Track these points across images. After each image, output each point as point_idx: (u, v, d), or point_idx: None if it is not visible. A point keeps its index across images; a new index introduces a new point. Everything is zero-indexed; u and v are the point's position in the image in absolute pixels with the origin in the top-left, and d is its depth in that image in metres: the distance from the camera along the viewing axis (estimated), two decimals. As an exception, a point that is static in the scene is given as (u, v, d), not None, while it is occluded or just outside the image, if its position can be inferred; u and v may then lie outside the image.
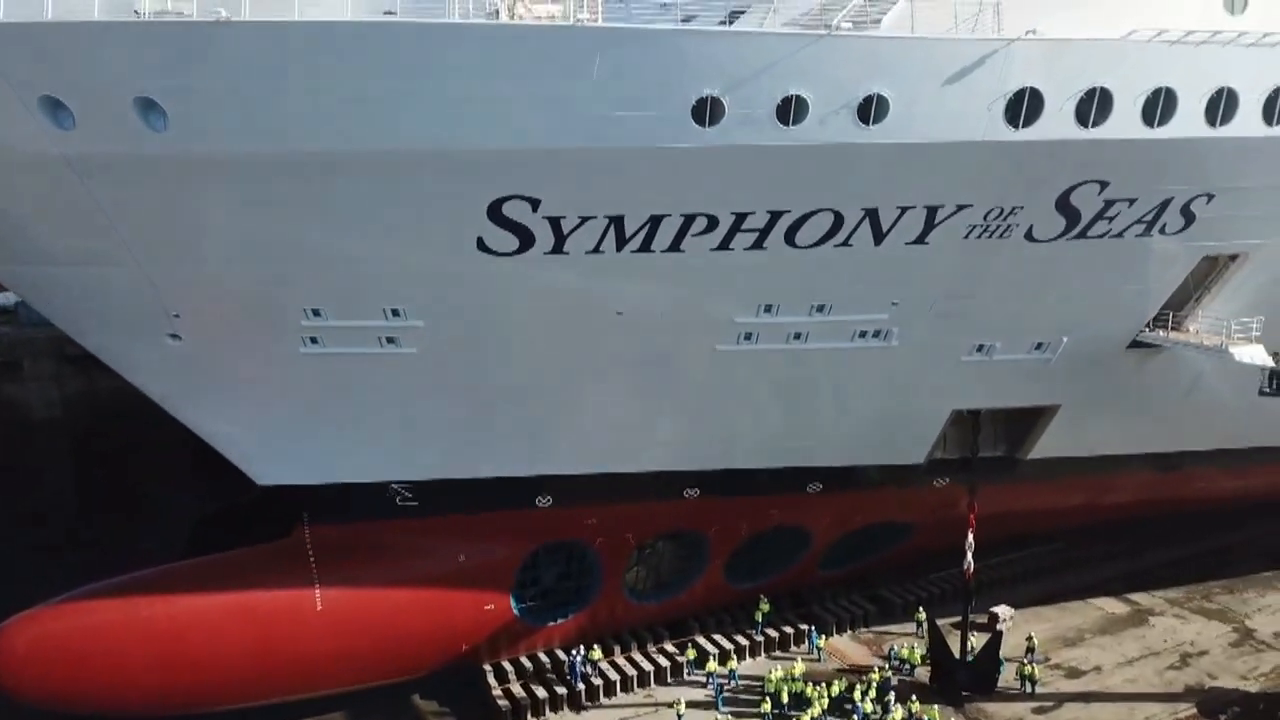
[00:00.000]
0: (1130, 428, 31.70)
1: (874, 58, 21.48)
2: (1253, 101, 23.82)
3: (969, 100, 22.10)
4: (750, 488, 31.52)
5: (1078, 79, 22.42)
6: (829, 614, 35.97)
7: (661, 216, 23.60)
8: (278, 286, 24.90)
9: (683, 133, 21.63)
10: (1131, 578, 39.10)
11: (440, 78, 20.62)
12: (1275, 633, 35.27)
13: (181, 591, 28.61)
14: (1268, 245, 27.03)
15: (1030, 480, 33.37)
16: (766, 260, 24.69)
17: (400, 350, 26.59)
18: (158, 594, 28.48)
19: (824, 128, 21.86)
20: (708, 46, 21.01)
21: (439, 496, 29.78)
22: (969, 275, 25.83)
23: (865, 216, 24.04)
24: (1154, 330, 27.94)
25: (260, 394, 27.69)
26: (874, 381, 28.39)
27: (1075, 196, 24.35)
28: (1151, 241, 25.91)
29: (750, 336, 26.91)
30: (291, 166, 21.79)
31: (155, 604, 28.25)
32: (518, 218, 23.29)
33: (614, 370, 27.45)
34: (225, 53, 20.12)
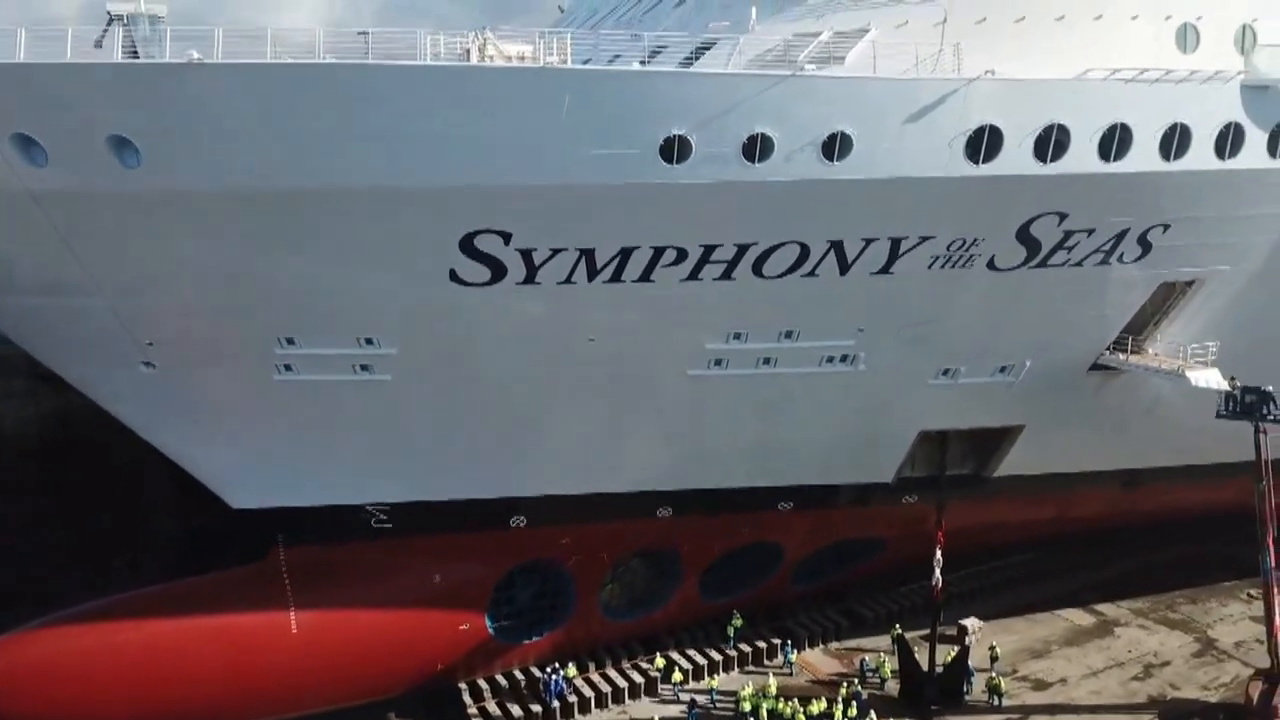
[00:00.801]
0: (1094, 446, 32.70)
1: (838, 97, 22.24)
2: (1205, 136, 24.80)
3: (930, 137, 22.90)
4: (722, 506, 32.26)
5: (1035, 116, 23.29)
6: (801, 628, 36.76)
7: (632, 249, 24.26)
8: (251, 317, 25.37)
9: (651, 170, 22.31)
10: (1098, 588, 40.12)
11: (411, 118, 21.19)
12: (1236, 642, 36.35)
13: (157, 616, 29.00)
14: (1222, 272, 28.04)
15: (998, 496, 34.32)
16: (735, 290, 25.41)
17: (374, 377, 27.11)
18: (133, 619, 28.85)
19: (789, 164, 22.61)
20: (675, 87, 21.69)
21: (414, 518, 30.32)
22: (933, 303, 26.66)
23: (831, 248, 24.81)
24: (1114, 354, 28.90)
25: (234, 420, 28.13)
26: (842, 404, 29.19)
27: (1035, 228, 25.23)
28: (1110, 269, 26.85)
29: (721, 362, 27.64)
30: (264, 202, 22.28)
31: (131, 629, 28.63)
32: (490, 250, 23.89)
33: (586, 394, 28.10)
34: (199, 93, 20.60)
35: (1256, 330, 29.09)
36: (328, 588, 30.30)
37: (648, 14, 30.17)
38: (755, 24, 25.31)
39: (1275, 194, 26.72)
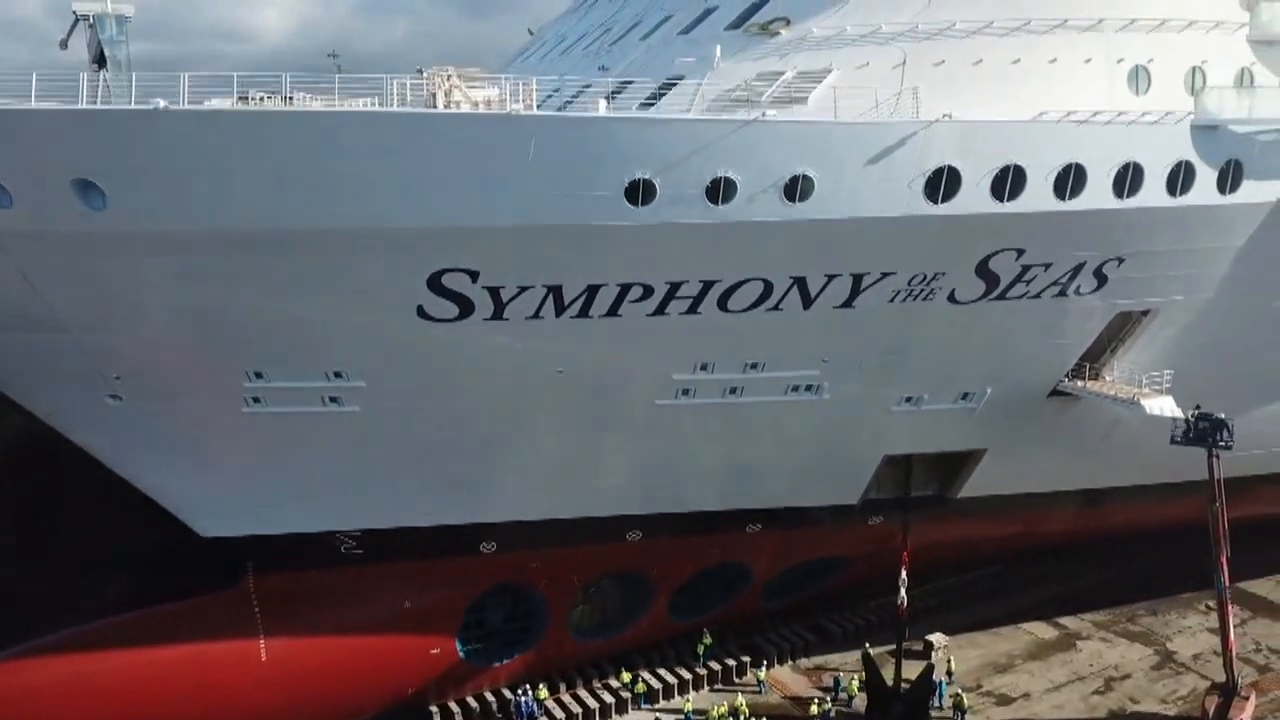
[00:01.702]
0: (1055, 467, 33.76)
1: (799, 141, 22.94)
2: (1157, 174, 25.78)
3: (890, 178, 23.68)
4: (691, 529, 33.01)
5: (993, 157, 24.12)
6: (770, 645, 37.66)
7: (599, 285, 24.87)
8: (218, 352, 25.72)
9: (616, 212, 22.92)
10: (1061, 601, 41.26)
11: (378, 162, 21.63)
12: (1194, 655, 37.65)
13: (124, 646, 29.28)
14: (1176, 302, 29.09)
15: (962, 515, 35.31)
16: (701, 324, 26.10)
17: (343, 409, 27.53)
18: (100, 649, 29.11)
19: (752, 206, 23.29)
20: (639, 132, 22.29)
21: (384, 544, 30.80)
22: (895, 335, 27.49)
23: (794, 284, 25.56)
24: (1072, 381, 29.88)
25: (202, 451, 28.46)
26: (807, 430, 30.00)
27: (994, 263, 26.10)
28: (1067, 301, 27.82)
29: (688, 392, 28.33)
30: (231, 243, 22.64)
31: (98, 660, 28.89)
32: (457, 288, 24.40)
33: (555, 423, 28.70)
34: (164, 139, 20.92)
35: (1209, 358, 30.19)
36: (298, 615, 30.74)
37: (615, 45, 30.70)
38: (720, 61, 25.98)
39: (1225, 228, 27.79)
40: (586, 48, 32.52)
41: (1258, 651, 37.74)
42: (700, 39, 27.64)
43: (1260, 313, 30.12)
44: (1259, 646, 38.14)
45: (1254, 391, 32.18)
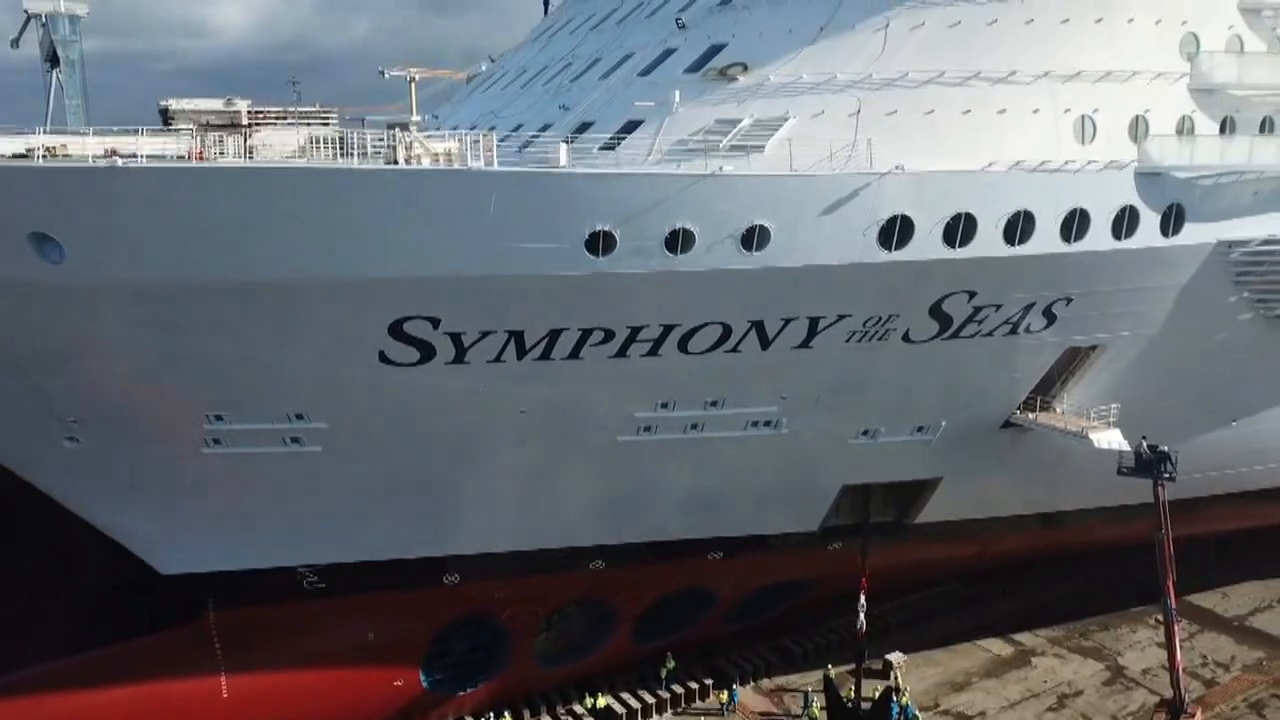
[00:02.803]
0: (1009, 493, 35.07)
1: (756, 194, 23.77)
2: (1103, 219, 26.99)
3: (845, 227, 24.59)
4: (654, 558, 33.84)
5: (944, 206, 25.13)
6: (733, 666, 38.69)
7: (560, 330, 25.55)
8: (178, 396, 26.05)
9: (577, 262, 23.61)
10: (1016, 617, 42.72)
11: (339, 216, 22.09)
12: (1143, 669, 39.23)
13: (82, 687, 29.49)
14: (1122, 338, 30.40)
15: (920, 539, 36.50)
16: (662, 365, 26.90)
17: (304, 449, 27.96)
18: (57, 691, 29.31)
19: (710, 255, 24.10)
20: (599, 187, 22.96)
21: (346, 578, 31.29)
22: (851, 373, 28.49)
23: (752, 327, 26.43)
24: (1024, 413, 31.10)
25: (161, 490, 28.77)
26: (767, 463, 30.95)
27: (947, 304, 27.16)
28: (1018, 338, 28.98)
29: (650, 428, 29.14)
30: (189, 294, 23.00)
31: (55, 702, 29.08)
32: (418, 334, 24.96)
33: (517, 460, 29.39)
34: (121, 194, 21.21)
35: (1154, 389, 31.58)
36: (259, 650, 31.16)
37: (575, 82, 31.30)
38: (679, 106, 26.71)
39: (1169, 269, 29.12)
40: (547, 82, 33.08)
41: (1204, 666, 39.39)
42: (659, 81, 28.35)
43: (1202, 347, 31.52)
44: (1205, 660, 39.81)
45: (1197, 420, 33.70)
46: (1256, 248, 29.61)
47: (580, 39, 34.26)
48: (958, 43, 26.57)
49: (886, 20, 26.86)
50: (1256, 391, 34.27)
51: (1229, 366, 32.63)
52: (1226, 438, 35.18)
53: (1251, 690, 37.68)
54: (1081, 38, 27.16)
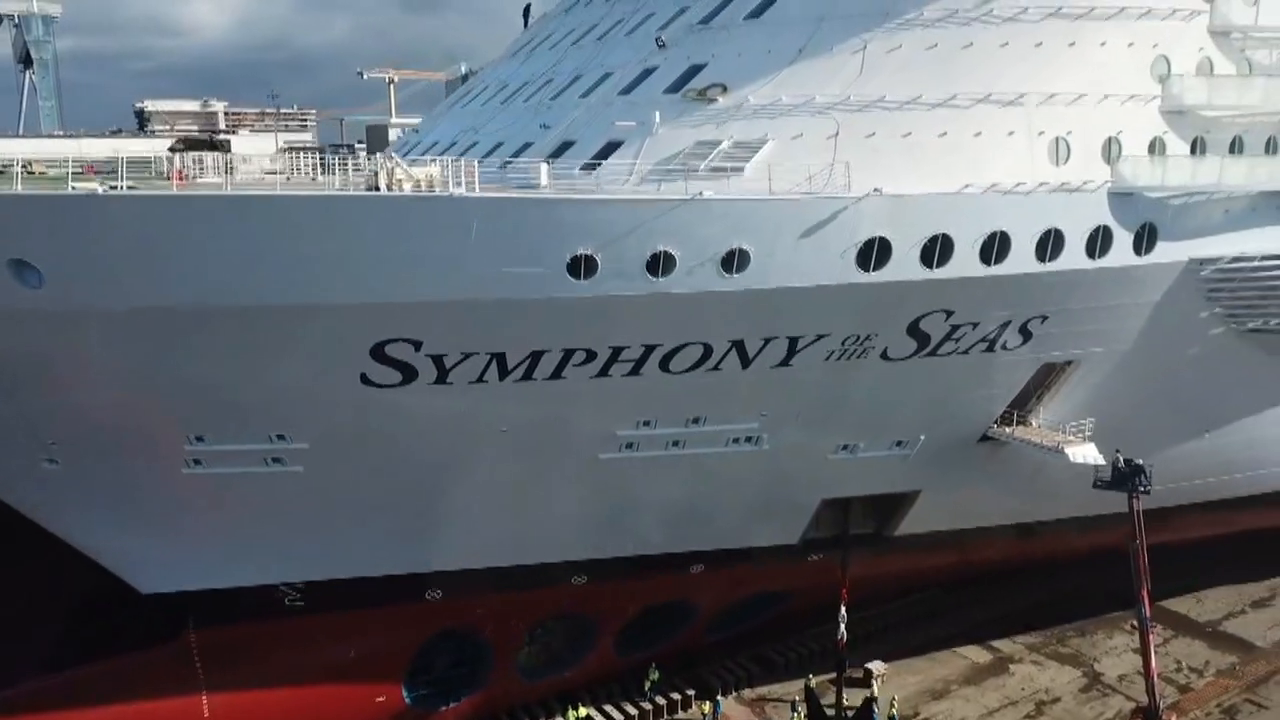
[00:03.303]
0: (987, 505, 35.71)
1: (735, 217, 24.17)
2: (1077, 239, 27.60)
3: (823, 250, 25.04)
4: (636, 572, 34.22)
5: (921, 228, 25.64)
6: (715, 677, 39.12)
7: (542, 351, 25.85)
8: (158, 417, 26.13)
9: (559, 285, 23.93)
10: (995, 623, 43.38)
11: (321, 243, 22.30)
12: (1120, 675, 39.98)
13: (61, 707, 29.51)
14: (1097, 353, 31.08)
15: (900, 550, 37.09)
16: (643, 384, 27.27)
17: (286, 469, 28.12)
18: (35, 712, 29.29)
19: (691, 278, 24.49)
20: (580, 212, 23.28)
21: (328, 595, 31.46)
22: (830, 390, 28.98)
23: (732, 346, 26.86)
24: (1001, 427, 31.71)
25: (141, 511, 28.83)
26: (748, 478, 31.41)
27: (924, 323, 27.69)
28: (995, 355, 29.56)
29: (632, 445, 29.51)
30: (172, 319, 23.13)
31: (33, 723, 29.07)
32: (400, 356, 25.21)
33: (499, 477, 29.66)
34: (101, 223, 21.33)
35: (1128, 403, 32.28)
36: (241, 668, 31.28)
37: (555, 100, 31.58)
38: (659, 127, 27.09)
39: (1142, 286, 29.81)
40: (527, 99, 33.34)
41: (1179, 671, 40.22)
42: (639, 101, 28.70)
43: (1174, 361, 32.26)
44: (1180, 666, 40.65)
45: (1170, 432, 34.46)
46: (1227, 265, 30.37)
47: (560, 55, 34.55)
48: (934, 65, 27.09)
49: (864, 43, 27.34)
50: (1228, 403, 35.12)
51: (1201, 380, 33.41)
52: (1200, 449, 36.00)
53: (1225, 695, 38.50)
54: (1056, 61, 27.76)
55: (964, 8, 27.66)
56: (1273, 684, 39.23)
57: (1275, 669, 40.25)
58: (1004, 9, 27.70)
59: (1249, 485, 38.98)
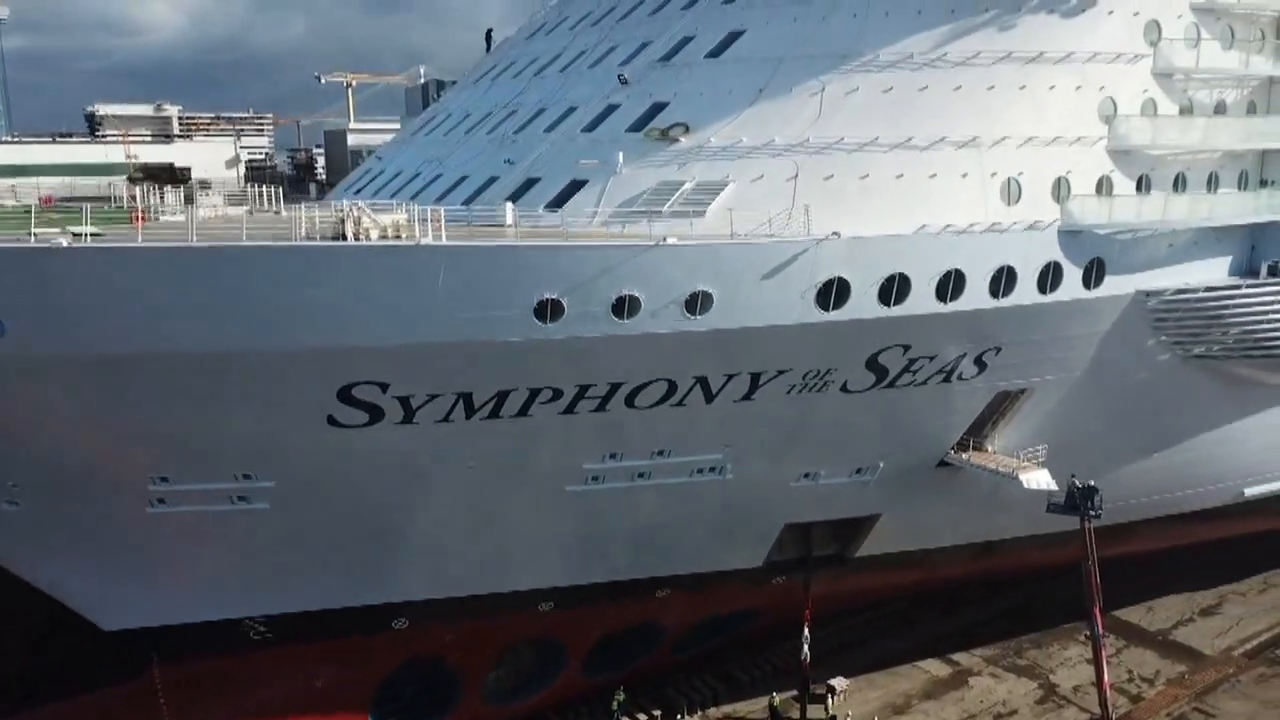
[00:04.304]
0: (946, 526, 36.91)
1: (699, 261, 24.95)
2: (1029, 275, 28.78)
3: (784, 291, 25.91)
4: (603, 598, 34.93)
5: (879, 268, 26.61)
6: (682, 696, 39.95)
7: (509, 390, 26.44)
8: (121, 460, 26.32)
9: (525, 328, 24.54)
10: (954, 636, 44.61)
11: (287, 292, 22.68)
12: (1074, 687, 41.38)
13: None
14: (1049, 381, 32.35)
15: (861, 570, 38.19)
16: (609, 420, 27.98)
17: (252, 506, 28.43)
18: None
19: (655, 320, 25.24)
20: (547, 258, 23.88)
21: (294, 628, 31.78)
22: (792, 422, 29.91)
23: (696, 383, 27.66)
24: (958, 454, 32.88)
25: (104, 550, 28.96)
26: (712, 507, 32.27)
27: (882, 357, 28.70)
28: (951, 385, 30.69)
29: (598, 478, 30.21)
30: (137, 365, 23.38)
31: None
32: (367, 398, 25.66)
33: (466, 511, 30.21)
34: (62, 274, 21.54)
35: (1080, 427, 33.62)
36: (206, 703, 31.52)
37: (519, 133, 32.10)
38: (623, 167, 27.77)
39: (1091, 318, 31.14)
40: (491, 131, 33.81)
41: (1130, 681, 41.74)
42: (602, 139, 29.35)
43: (1123, 387, 33.66)
44: (1132, 676, 42.18)
45: (1120, 454, 35.92)
46: (1171, 296, 31.83)
47: (524, 85, 35.06)
48: (890, 108, 28.07)
49: (822, 85, 28.23)
50: (1175, 425, 36.66)
51: (1149, 404, 34.86)
52: (1148, 468, 37.53)
53: (1175, 704, 40.03)
54: (1007, 104, 28.89)
55: (918, 51, 28.68)
56: (1220, 692, 40.86)
57: (1223, 677, 41.90)
58: (957, 53, 28.77)
59: (1196, 501, 40.67)
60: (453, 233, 24.17)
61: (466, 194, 30.79)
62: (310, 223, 23.10)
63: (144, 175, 36.17)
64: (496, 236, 25.92)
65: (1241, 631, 45.29)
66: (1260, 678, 41.59)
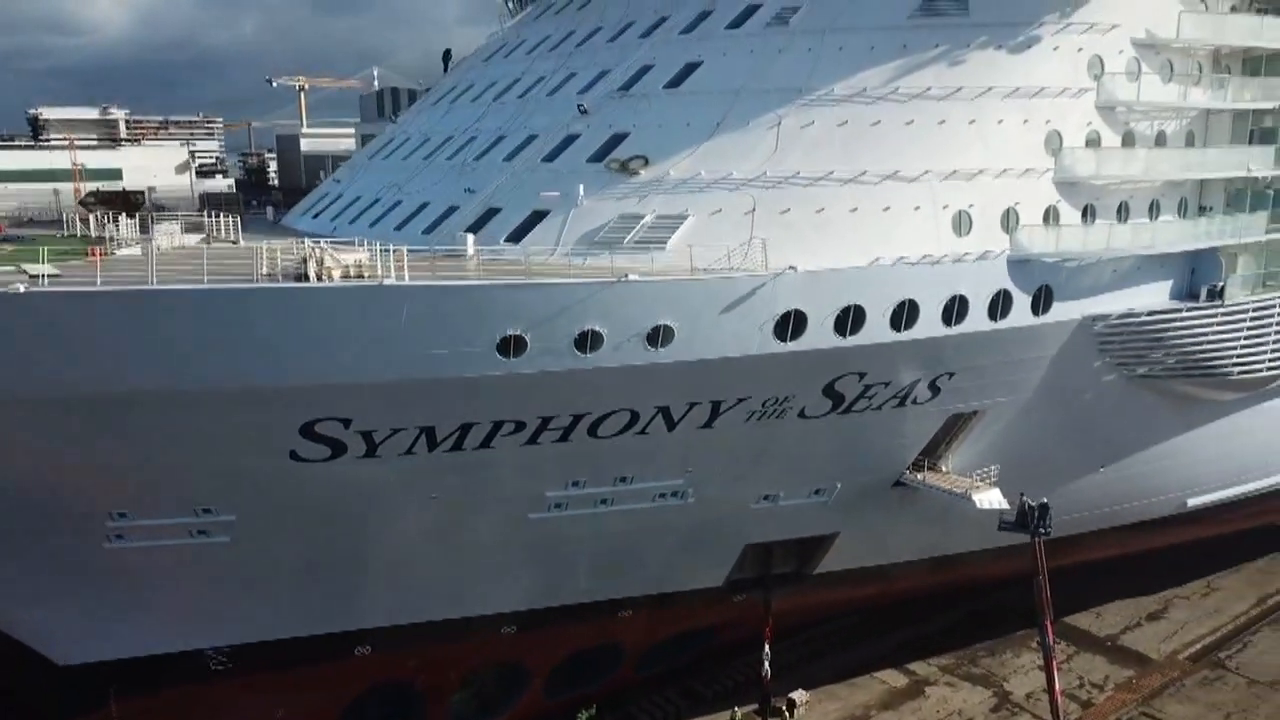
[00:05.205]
0: (902, 542, 37.96)
1: (660, 296, 25.53)
2: (980, 303, 29.80)
3: (743, 323, 26.61)
4: (565, 620, 35.44)
5: (834, 300, 27.43)
6: (644, 713, 40.56)
7: (472, 424, 26.80)
8: (77, 498, 26.26)
9: (489, 364, 24.95)
10: (911, 646, 45.72)
11: (249, 331, 22.86)
12: (1027, 694, 42.71)
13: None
14: (1000, 403, 33.47)
15: (821, 585, 39.12)
16: (572, 449, 28.48)
17: (211, 540, 28.49)
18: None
19: (618, 353, 25.78)
20: (511, 296, 24.29)
21: (255, 657, 31.85)
22: (751, 448, 30.65)
23: (658, 412, 28.26)
24: (913, 474, 33.87)
25: (58, 585, 28.83)
26: (674, 530, 32.94)
27: (839, 384, 29.56)
28: (905, 409, 31.63)
29: (561, 505, 30.70)
30: (95, 405, 23.40)
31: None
32: (330, 434, 25.90)
33: (429, 540, 30.52)
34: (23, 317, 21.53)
35: (1029, 446, 34.81)
36: (166, 736, 31.41)
37: (479, 160, 32.42)
38: (583, 199, 28.26)
39: (1040, 342, 32.31)
40: (451, 156, 34.07)
41: (1081, 687, 43.17)
42: (562, 170, 29.81)
43: (1071, 406, 34.92)
44: (1082, 681, 43.62)
45: (1069, 470, 37.26)
46: (1116, 320, 33.14)
47: (483, 110, 35.34)
48: (844, 143, 28.88)
49: (778, 119, 28.96)
50: (1121, 441, 38.08)
51: (1095, 421, 36.19)
52: (1096, 482, 38.94)
53: (1123, 709, 41.51)
54: (957, 138, 29.86)
55: (871, 86, 29.53)
56: (1165, 696, 42.47)
57: (1169, 680, 43.53)
58: (908, 88, 29.68)
59: (1142, 512, 42.23)
60: (415, 264, 24.50)
61: (427, 223, 31.08)
62: (272, 259, 23.25)
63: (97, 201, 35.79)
64: (458, 270, 26.30)
65: (1186, 635, 47.02)
66: (1204, 680, 43.26)
